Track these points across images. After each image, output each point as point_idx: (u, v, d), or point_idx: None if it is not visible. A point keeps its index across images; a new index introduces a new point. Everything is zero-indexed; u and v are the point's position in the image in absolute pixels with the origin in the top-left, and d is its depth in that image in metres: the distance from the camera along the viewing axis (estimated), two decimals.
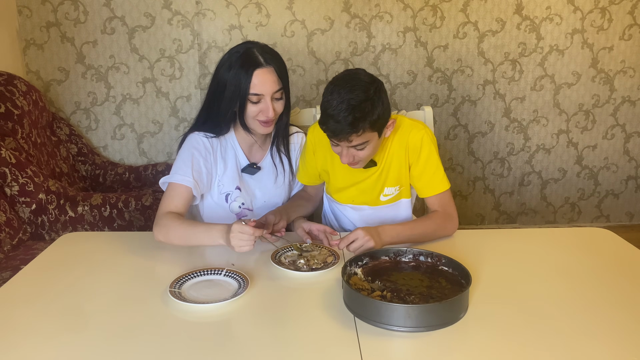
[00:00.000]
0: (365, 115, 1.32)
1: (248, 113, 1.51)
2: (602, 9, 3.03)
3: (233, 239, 1.30)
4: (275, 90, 1.49)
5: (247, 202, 1.63)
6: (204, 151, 1.54)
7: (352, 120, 1.31)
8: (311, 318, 1.12)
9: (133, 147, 3.07)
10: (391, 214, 1.62)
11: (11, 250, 2.05)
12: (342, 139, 1.36)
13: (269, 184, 1.66)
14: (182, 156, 1.53)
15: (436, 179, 1.52)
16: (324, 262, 1.35)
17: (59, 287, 1.24)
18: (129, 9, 2.86)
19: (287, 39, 2.93)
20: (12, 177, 2.17)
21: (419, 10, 2.97)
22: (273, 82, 1.48)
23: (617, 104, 3.21)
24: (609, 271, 1.33)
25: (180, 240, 1.42)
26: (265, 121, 1.51)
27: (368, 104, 1.32)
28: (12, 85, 2.44)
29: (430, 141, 1.51)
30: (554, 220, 3.41)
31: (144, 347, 1.01)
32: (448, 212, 1.52)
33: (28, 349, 1.01)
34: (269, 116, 1.49)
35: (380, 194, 1.58)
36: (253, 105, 1.49)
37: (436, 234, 1.49)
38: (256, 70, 1.46)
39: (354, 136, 1.34)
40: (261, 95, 1.48)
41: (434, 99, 3.12)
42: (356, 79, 1.36)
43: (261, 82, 1.47)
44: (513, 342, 1.03)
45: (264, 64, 1.47)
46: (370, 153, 1.43)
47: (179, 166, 1.51)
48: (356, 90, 1.32)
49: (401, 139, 1.52)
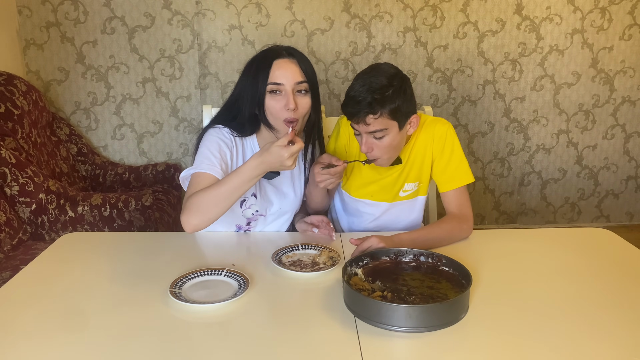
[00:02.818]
0: (384, 99, 1.34)
1: (270, 110, 1.40)
2: (602, 9, 3.03)
3: (288, 160, 1.21)
4: (298, 81, 1.39)
5: (262, 209, 1.55)
6: (230, 144, 1.43)
7: (370, 101, 1.34)
8: (311, 318, 1.12)
9: (133, 147, 3.07)
10: (406, 210, 1.63)
11: (11, 250, 2.05)
12: (359, 121, 1.37)
13: (287, 191, 1.58)
14: (209, 146, 1.40)
15: (460, 171, 1.53)
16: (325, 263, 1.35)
17: (59, 287, 1.24)
18: (129, 9, 2.86)
19: (287, 39, 2.93)
20: (12, 177, 2.17)
21: (419, 10, 2.97)
22: (295, 72, 1.39)
23: (617, 104, 3.21)
24: (609, 271, 1.33)
25: (218, 205, 1.27)
26: (289, 119, 1.37)
27: (389, 90, 1.35)
28: (12, 85, 2.44)
29: (454, 134, 1.54)
30: (554, 220, 3.41)
31: (144, 347, 1.01)
32: (463, 213, 1.51)
33: (28, 349, 1.01)
34: (290, 107, 1.36)
35: (401, 189, 1.59)
36: (273, 99, 1.39)
37: (452, 237, 1.47)
38: (276, 60, 1.39)
39: (370, 118, 1.36)
40: (281, 84, 1.38)
41: (434, 99, 3.12)
42: (382, 69, 1.40)
43: (281, 71, 1.38)
44: (514, 342, 1.03)
45: (285, 54, 1.41)
46: (389, 146, 1.42)
47: (205, 155, 1.38)
48: (379, 77, 1.37)
49: (427, 133, 1.54)
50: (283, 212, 1.59)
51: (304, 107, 1.41)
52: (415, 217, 1.66)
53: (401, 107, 1.37)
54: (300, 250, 1.43)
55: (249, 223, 1.58)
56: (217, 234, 1.57)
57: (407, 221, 1.66)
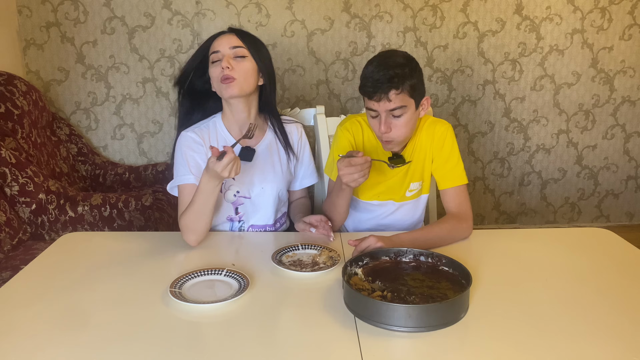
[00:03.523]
0: (404, 75, 1.39)
1: (212, 76, 1.51)
2: (602, 9, 3.03)
3: (225, 171, 1.30)
4: (233, 46, 1.49)
5: (243, 190, 1.59)
6: (194, 145, 1.54)
7: (391, 76, 1.37)
8: (311, 318, 1.12)
9: (133, 147, 3.07)
10: (412, 209, 1.67)
11: (11, 250, 2.05)
12: (382, 97, 1.39)
13: (266, 169, 1.61)
14: (177, 159, 1.55)
15: (457, 170, 1.57)
16: (324, 263, 1.35)
17: (59, 287, 1.24)
18: (129, 9, 2.86)
19: (287, 39, 2.93)
20: (12, 177, 2.17)
21: (419, 10, 2.97)
22: (230, 39, 1.50)
23: (617, 104, 3.21)
24: (609, 271, 1.33)
25: (198, 220, 1.43)
26: (223, 77, 1.47)
27: (407, 68, 1.40)
28: (12, 85, 2.44)
29: (453, 135, 1.59)
30: (554, 220, 3.41)
31: (144, 347, 1.01)
32: (463, 212, 1.53)
33: (28, 349, 1.01)
34: (223, 66, 1.46)
35: (407, 189, 1.62)
36: (213, 66, 1.50)
37: (452, 237, 1.48)
38: (216, 38, 1.52)
39: (393, 93, 1.39)
40: (218, 52, 1.49)
41: (434, 99, 3.12)
42: (395, 53, 1.46)
43: (218, 41, 1.51)
44: (513, 342, 1.03)
45: (226, 32, 1.53)
46: (406, 125, 1.44)
47: (177, 169, 1.54)
48: (395, 57, 1.43)
49: (428, 132, 1.58)
50: (268, 193, 1.61)
51: (242, 70, 1.49)
52: (419, 215, 1.70)
53: (418, 86, 1.43)
54: (300, 250, 1.43)
55: (238, 211, 1.59)
56: (217, 234, 1.57)
57: (412, 220, 1.69)
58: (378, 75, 1.39)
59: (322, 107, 1.89)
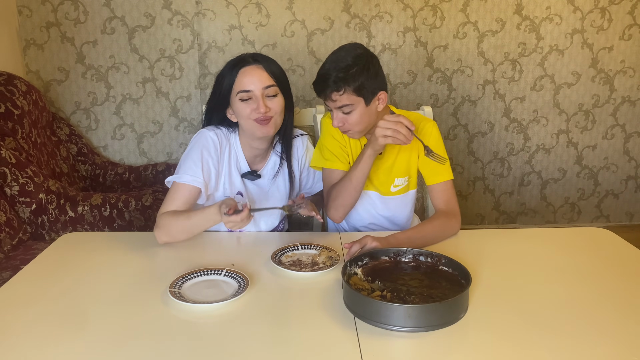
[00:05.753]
0: (347, 77, 1.41)
1: (241, 113, 1.47)
2: (602, 9, 3.03)
3: (227, 224, 1.32)
4: (266, 85, 1.46)
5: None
6: (213, 150, 1.51)
7: (334, 79, 1.41)
8: (311, 318, 1.12)
9: (133, 147, 3.07)
10: (401, 205, 1.68)
11: (11, 250, 2.05)
12: (327, 98, 1.45)
13: (269, 191, 1.63)
14: (192, 155, 1.49)
15: (443, 166, 1.58)
16: (324, 263, 1.35)
17: (58, 287, 1.24)
18: (129, 9, 2.86)
19: (287, 39, 2.93)
20: (12, 177, 2.17)
21: (419, 10, 2.97)
22: (262, 77, 1.46)
23: (617, 104, 3.21)
24: (609, 271, 1.33)
25: (183, 233, 1.43)
26: (261, 119, 1.46)
27: (354, 69, 1.41)
28: (12, 85, 2.44)
29: (439, 133, 1.62)
30: (553, 220, 3.41)
31: (144, 347, 1.01)
32: (451, 208, 1.57)
33: (28, 349, 1.01)
34: (260, 112, 1.44)
35: (391, 185, 1.63)
36: (244, 103, 1.46)
37: (443, 233, 1.51)
38: (242, 68, 1.47)
39: (335, 95, 1.43)
40: (250, 91, 1.45)
41: (433, 99, 3.12)
42: (348, 49, 1.47)
43: (249, 78, 1.46)
44: (513, 342, 1.03)
45: (250, 62, 1.48)
46: (358, 120, 1.47)
47: (188, 166, 1.48)
48: (346, 57, 1.44)
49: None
50: (270, 211, 1.62)
51: (276, 109, 1.49)
52: (409, 211, 1.71)
53: (365, 85, 1.43)
54: (300, 250, 1.43)
55: None
56: (217, 234, 1.57)
57: (403, 215, 1.70)
58: (324, 77, 1.43)
59: (322, 107, 1.90)
